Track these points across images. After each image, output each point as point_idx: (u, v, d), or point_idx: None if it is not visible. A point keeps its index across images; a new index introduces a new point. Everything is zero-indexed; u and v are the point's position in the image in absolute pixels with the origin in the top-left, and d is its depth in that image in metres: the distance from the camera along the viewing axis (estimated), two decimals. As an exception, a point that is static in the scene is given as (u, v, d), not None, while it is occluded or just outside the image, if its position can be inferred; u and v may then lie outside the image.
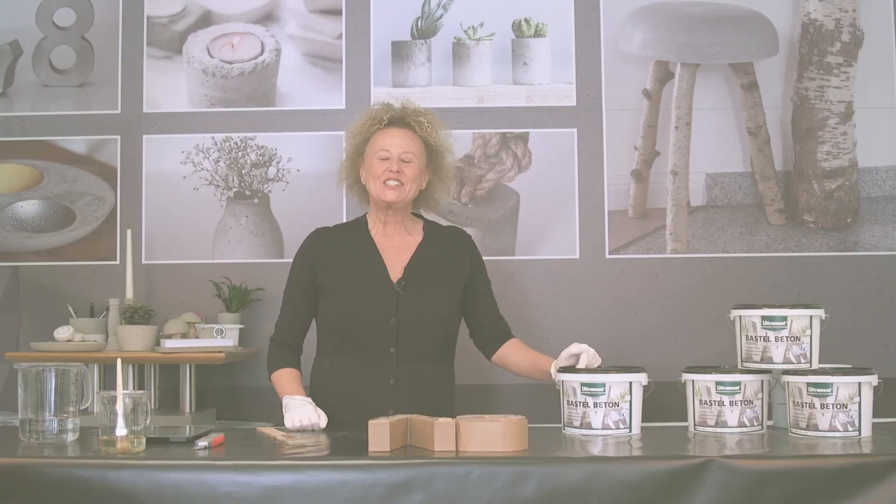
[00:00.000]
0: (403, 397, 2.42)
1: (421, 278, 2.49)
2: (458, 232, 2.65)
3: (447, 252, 2.56)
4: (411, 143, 2.51)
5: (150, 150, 3.45)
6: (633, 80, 3.44)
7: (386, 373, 2.44)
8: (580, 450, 2.05)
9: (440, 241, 2.57)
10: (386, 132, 2.52)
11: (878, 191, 3.42)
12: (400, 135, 2.51)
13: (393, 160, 2.47)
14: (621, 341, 3.36)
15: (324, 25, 3.48)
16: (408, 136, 2.51)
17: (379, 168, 2.48)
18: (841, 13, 3.43)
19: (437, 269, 2.52)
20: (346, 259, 2.52)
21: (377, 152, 2.49)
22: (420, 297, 2.46)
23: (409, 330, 2.45)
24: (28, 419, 2.09)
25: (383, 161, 2.48)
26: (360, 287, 2.46)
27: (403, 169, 2.48)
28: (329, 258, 2.52)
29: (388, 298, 2.46)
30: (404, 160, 2.48)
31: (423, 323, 2.47)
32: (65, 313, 3.26)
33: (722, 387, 2.28)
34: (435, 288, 2.50)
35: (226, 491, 1.80)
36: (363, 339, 2.45)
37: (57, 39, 3.50)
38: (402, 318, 2.44)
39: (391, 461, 1.85)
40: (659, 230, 3.41)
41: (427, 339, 2.49)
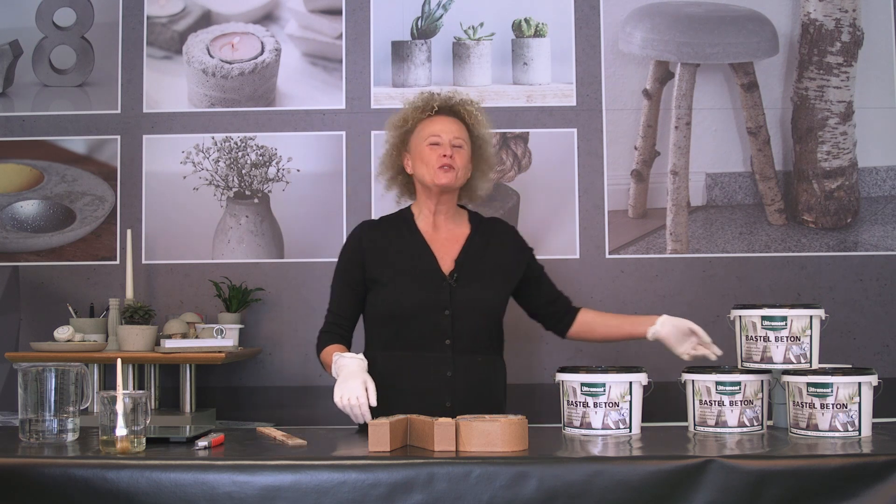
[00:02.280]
0: (460, 389, 2.43)
1: (472, 270, 2.50)
2: (502, 223, 2.66)
3: (495, 243, 2.57)
4: (460, 130, 2.53)
5: (150, 150, 3.45)
6: (633, 80, 3.44)
7: (443, 365, 2.44)
8: (580, 450, 2.05)
9: (487, 233, 2.58)
10: (435, 119, 2.53)
11: (878, 191, 3.42)
12: (449, 122, 2.53)
13: (444, 145, 2.49)
14: (621, 341, 3.35)
15: (324, 25, 3.48)
16: (456, 123, 2.53)
17: (431, 154, 2.49)
18: (841, 13, 3.43)
19: (486, 261, 2.53)
20: (395, 252, 2.52)
21: (427, 139, 2.51)
22: (473, 289, 2.46)
23: (463, 321, 2.46)
24: (28, 419, 2.09)
25: (434, 147, 2.49)
26: (413, 280, 2.45)
27: (455, 154, 2.49)
28: (378, 251, 2.51)
29: (442, 290, 2.46)
30: (455, 146, 2.50)
31: (477, 314, 2.49)
32: (65, 313, 3.26)
33: (722, 387, 2.28)
34: (486, 279, 2.51)
35: (226, 491, 1.80)
36: (418, 331, 2.44)
37: (57, 39, 3.50)
38: (457, 310, 2.45)
39: (391, 461, 1.85)
40: (659, 230, 3.41)
41: (481, 330, 2.50)
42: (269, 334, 3.39)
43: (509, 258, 2.58)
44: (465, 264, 2.50)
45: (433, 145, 2.49)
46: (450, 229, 2.56)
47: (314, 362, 3.36)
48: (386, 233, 2.54)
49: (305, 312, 3.38)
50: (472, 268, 2.50)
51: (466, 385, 2.44)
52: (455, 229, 2.56)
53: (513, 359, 2.69)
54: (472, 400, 2.40)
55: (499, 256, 2.56)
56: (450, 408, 2.40)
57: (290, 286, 3.40)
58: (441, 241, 2.53)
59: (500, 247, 2.57)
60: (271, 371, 3.38)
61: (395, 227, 2.56)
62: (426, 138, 2.50)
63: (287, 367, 3.37)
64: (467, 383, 2.45)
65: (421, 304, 2.44)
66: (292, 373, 3.37)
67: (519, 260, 2.59)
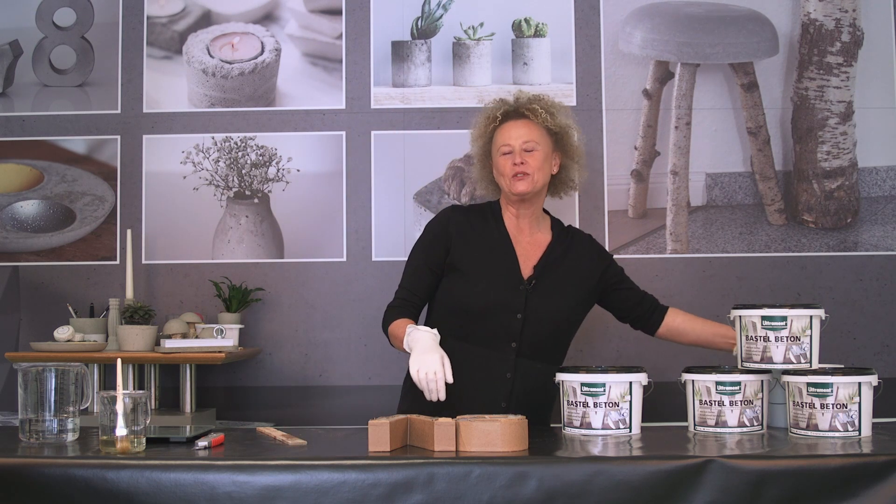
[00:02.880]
0: (517, 392, 2.45)
1: (550, 279, 2.52)
2: (580, 232, 2.69)
3: (574, 255, 2.60)
4: (530, 131, 2.53)
5: (150, 150, 3.45)
6: (633, 80, 3.44)
7: (504, 366, 2.46)
8: (580, 450, 2.05)
9: (568, 244, 2.61)
10: (504, 127, 2.55)
11: (878, 191, 3.42)
12: (518, 126, 2.54)
13: (516, 153, 2.51)
14: (621, 341, 3.36)
15: (324, 25, 3.48)
16: (526, 125, 2.54)
17: (505, 164, 2.52)
18: (841, 13, 3.43)
19: (565, 272, 2.55)
20: (480, 244, 2.53)
21: (500, 148, 2.54)
22: (548, 298, 2.47)
23: (533, 328, 2.48)
24: (28, 419, 2.09)
25: (507, 156, 2.52)
26: (492, 277, 2.46)
27: (527, 160, 2.50)
28: (464, 239, 2.51)
29: (518, 294, 2.48)
30: (527, 150, 2.51)
31: (548, 322, 2.51)
32: (65, 313, 3.26)
33: (722, 387, 2.28)
34: (562, 290, 2.52)
35: (226, 491, 1.80)
36: (487, 329, 2.44)
37: (57, 39, 3.50)
38: (529, 316, 2.47)
39: (391, 461, 1.85)
40: (659, 230, 3.41)
41: (548, 338, 2.52)
42: (269, 334, 3.39)
43: (586, 269, 2.60)
44: (544, 272, 2.53)
45: (505, 155, 2.52)
46: (532, 233, 2.59)
47: (314, 362, 3.38)
48: (474, 223, 2.56)
49: (305, 312, 3.38)
50: (549, 276, 2.53)
51: (523, 389, 2.46)
52: (538, 234, 2.59)
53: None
54: (525, 405, 2.42)
55: (576, 267, 2.58)
56: (504, 408, 2.44)
57: (290, 286, 3.40)
58: (524, 243, 2.56)
59: (577, 258, 2.60)
60: (271, 371, 3.38)
61: (483, 218, 2.59)
62: (499, 148, 2.54)
63: (287, 367, 3.37)
64: (525, 388, 2.47)
65: (496, 303, 2.46)
66: (292, 373, 3.37)
67: (595, 271, 2.61)
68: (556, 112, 2.58)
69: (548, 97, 2.61)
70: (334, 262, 3.40)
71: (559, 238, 2.61)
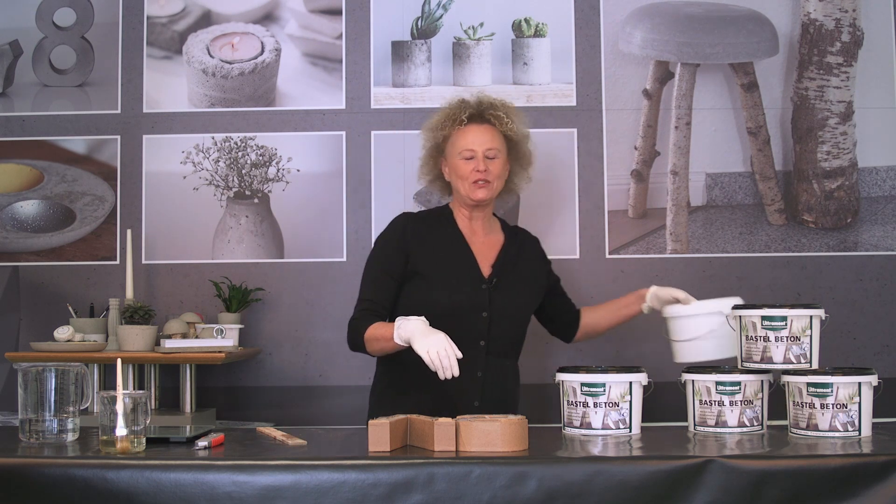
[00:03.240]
0: (488, 390, 2.48)
1: (509, 277, 2.56)
2: (528, 234, 2.74)
3: (526, 254, 2.65)
4: (493, 138, 2.54)
5: (150, 150, 3.45)
6: (633, 80, 3.44)
7: (474, 365, 2.46)
8: (580, 450, 2.05)
9: (520, 243, 2.66)
10: (467, 130, 2.54)
11: (878, 191, 3.42)
12: (482, 131, 2.54)
13: (479, 159, 2.52)
14: (621, 341, 3.35)
15: (324, 25, 3.48)
16: (489, 131, 2.54)
17: (465, 169, 2.52)
18: (841, 13, 3.43)
19: (520, 270, 2.60)
20: (437, 247, 2.54)
21: (461, 152, 2.53)
22: (510, 295, 2.50)
23: (499, 325, 2.51)
24: (28, 419, 2.09)
25: (468, 161, 2.52)
26: (455, 278, 2.47)
27: (489, 167, 2.52)
28: (422, 244, 2.52)
29: (481, 293, 2.51)
30: (489, 157, 2.52)
31: (512, 319, 2.55)
32: (65, 313, 3.26)
33: (722, 387, 2.28)
34: (521, 287, 2.57)
35: (226, 491, 1.80)
36: (455, 329, 2.41)
37: (57, 39, 3.50)
38: (494, 313, 2.49)
39: (391, 461, 1.85)
40: (659, 230, 3.41)
41: (513, 334, 2.58)
42: (269, 334, 3.39)
43: (537, 268, 2.66)
44: (503, 270, 2.56)
45: (467, 160, 2.51)
46: (486, 234, 2.61)
47: (314, 362, 3.38)
48: (430, 226, 2.56)
49: (305, 312, 3.38)
50: (508, 273, 2.56)
51: (494, 386, 2.48)
52: (490, 235, 2.62)
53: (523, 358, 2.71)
54: (495, 401, 2.46)
55: (530, 266, 2.64)
56: (478, 407, 2.46)
57: (290, 286, 3.40)
58: (479, 244, 2.59)
59: (529, 257, 2.65)
60: (271, 371, 3.38)
61: (437, 222, 2.59)
62: (460, 151, 2.53)
63: (287, 367, 3.37)
64: (495, 385, 2.49)
65: (461, 303, 2.47)
66: (292, 373, 3.37)
67: (543, 271, 2.69)
68: (516, 119, 2.59)
69: (508, 103, 2.61)
70: (334, 262, 3.40)
71: (511, 238, 2.65)
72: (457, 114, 2.55)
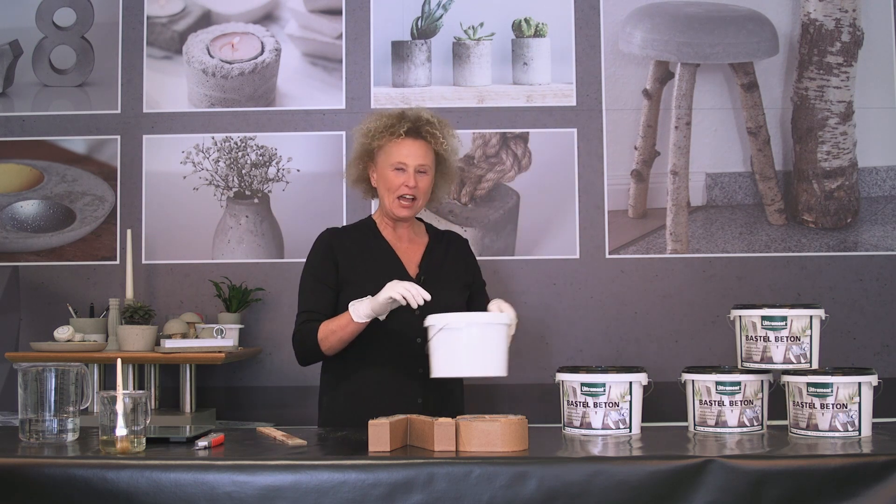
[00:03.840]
0: (431, 386, 2.46)
1: (436, 274, 2.57)
2: (455, 235, 2.74)
3: (451, 253, 2.65)
4: (426, 154, 2.55)
5: (150, 150, 3.45)
6: (633, 80, 3.44)
7: (414, 362, 2.47)
8: (580, 450, 2.05)
9: (444, 243, 2.67)
10: (402, 143, 2.54)
11: (878, 191, 3.42)
12: (416, 147, 2.54)
13: (409, 174, 2.52)
14: (621, 341, 3.36)
15: (324, 25, 3.48)
16: (423, 147, 2.55)
17: (395, 181, 2.53)
18: (841, 13, 3.43)
19: (448, 267, 2.61)
20: (363, 255, 2.56)
21: (393, 164, 2.53)
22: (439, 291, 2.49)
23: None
24: (28, 419, 2.09)
25: (399, 173, 2.52)
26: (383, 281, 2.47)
27: (418, 182, 2.53)
28: (348, 254, 2.55)
29: None
30: (420, 171, 2.53)
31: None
32: (65, 313, 3.26)
33: (722, 387, 2.28)
34: (449, 283, 2.57)
35: (226, 491, 1.80)
36: (391, 330, 2.47)
37: (57, 39, 3.50)
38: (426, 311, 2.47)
39: (391, 461, 1.85)
40: (659, 230, 3.41)
41: None
42: (269, 334, 3.39)
43: (464, 267, 2.66)
44: (429, 268, 2.58)
45: (398, 171, 2.51)
46: (411, 237, 2.63)
47: (314, 362, 3.37)
48: (354, 237, 2.61)
49: (305, 312, 3.38)
50: (435, 271, 2.58)
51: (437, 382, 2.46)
52: (415, 238, 2.64)
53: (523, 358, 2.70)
54: (439, 397, 2.47)
55: (456, 263, 2.64)
56: (421, 404, 2.46)
57: (290, 286, 3.38)
58: (404, 248, 2.61)
59: (456, 256, 2.65)
60: (271, 371, 3.38)
61: (361, 233, 2.62)
62: (392, 163, 2.53)
63: (287, 367, 3.37)
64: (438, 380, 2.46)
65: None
66: (292, 373, 3.37)
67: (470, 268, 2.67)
68: (448, 137, 2.60)
69: (444, 121, 2.61)
70: (334, 262, 3.40)
71: (436, 239, 2.66)
72: (395, 126, 2.54)
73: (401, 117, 2.57)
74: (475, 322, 2.20)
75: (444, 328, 2.19)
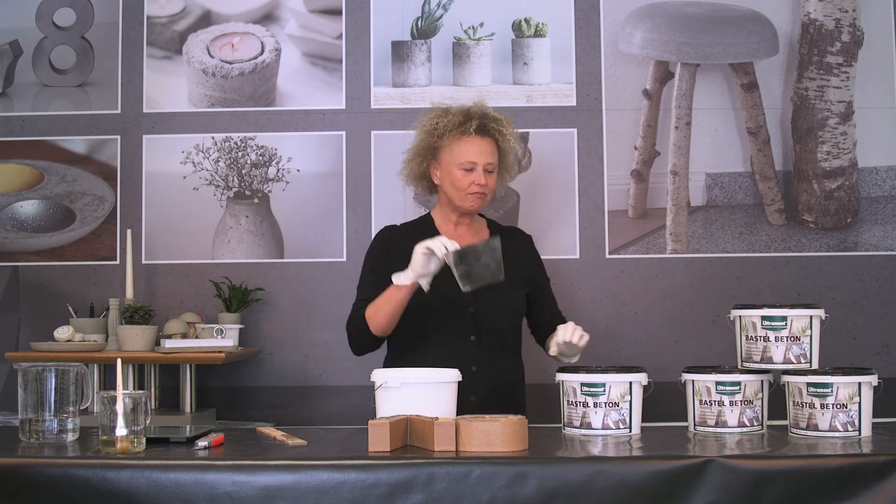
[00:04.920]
0: (484, 384, 2.47)
1: None
2: (518, 231, 2.75)
3: (513, 249, 2.63)
4: (493, 152, 2.57)
5: (150, 150, 3.45)
6: (633, 80, 3.44)
7: (467, 360, 2.47)
8: (580, 450, 2.05)
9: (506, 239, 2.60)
10: (470, 142, 2.54)
11: (878, 191, 3.42)
12: (484, 145, 2.55)
13: (479, 173, 2.52)
14: (621, 341, 3.36)
15: (324, 25, 3.48)
16: (490, 145, 2.56)
17: (464, 181, 2.53)
18: (841, 13, 3.43)
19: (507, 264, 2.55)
20: None
21: (461, 163, 2.53)
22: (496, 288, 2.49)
23: (487, 319, 2.53)
24: (28, 419, 2.09)
25: (468, 172, 2.52)
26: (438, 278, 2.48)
27: (487, 181, 2.55)
28: (401, 252, 2.53)
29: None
30: (488, 170, 2.54)
31: (500, 312, 2.55)
32: (65, 313, 3.26)
33: (722, 387, 2.28)
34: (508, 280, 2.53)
35: (226, 491, 1.80)
36: (444, 328, 2.48)
37: (57, 39, 3.50)
38: (481, 308, 2.51)
39: (391, 461, 1.85)
40: (659, 230, 3.41)
41: (504, 327, 2.57)
42: (269, 334, 3.39)
43: (524, 263, 2.65)
44: None
45: (467, 171, 2.52)
46: (472, 235, 2.62)
47: (314, 362, 3.38)
48: (410, 235, 2.59)
49: (305, 312, 3.38)
50: None
51: (490, 380, 2.49)
52: (476, 235, 2.63)
53: (523, 358, 2.71)
54: (495, 396, 2.46)
55: (517, 261, 2.62)
56: (474, 402, 2.45)
57: (290, 286, 3.40)
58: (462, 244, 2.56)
59: (516, 252, 2.64)
60: (271, 371, 3.38)
61: (417, 230, 2.61)
62: (460, 162, 2.53)
63: (287, 367, 3.37)
64: (491, 379, 2.49)
65: (446, 300, 2.47)
66: (292, 373, 3.37)
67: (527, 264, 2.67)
68: (513, 135, 2.61)
69: (505, 116, 2.61)
70: (334, 262, 3.40)
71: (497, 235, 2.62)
72: (464, 124, 2.53)
73: (468, 115, 2.56)
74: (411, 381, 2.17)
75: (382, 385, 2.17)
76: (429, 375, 2.22)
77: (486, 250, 2.32)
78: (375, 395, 2.19)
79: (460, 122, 2.54)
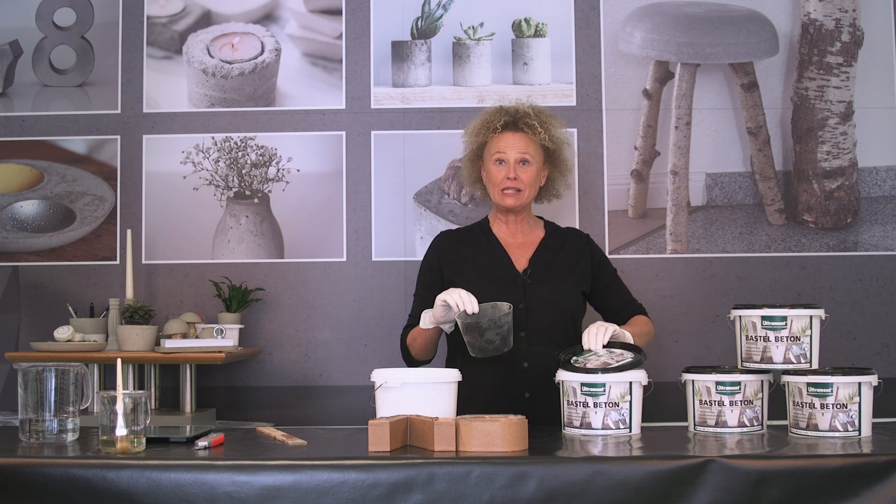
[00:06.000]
0: (537, 380, 2.51)
1: (546, 269, 2.61)
2: (575, 231, 2.79)
3: (568, 248, 2.69)
4: (527, 144, 2.61)
5: (150, 150, 3.45)
6: (633, 80, 3.44)
7: (519, 357, 2.52)
8: (580, 450, 2.05)
9: (561, 238, 2.70)
10: (501, 136, 2.62)
11: (878, 191, 3.42)
12: (515, 139, 2.61)
13: (509, 165, 2.58)
14: (621, 341, 3.35)
15: (324, 25, 3.48)
16: (524, 138, 2.62)
17: (497, 174, 2.60)
18: (841, 13, 3.43)
19: (560, 262, 2.64)
20: (471, 255, 2.63)
21: (494, 155, 2.61)
22: (546, 286, 2.53)
23: (538, 316, 2.56)
24: (28, 419, 2.09)
25: (500, 166, 2.60)
26: (488, 277, 2.52)
27: (520, 174, 2.59)
28: (454, 255, 2.61)
29: (516, 286, 2.57)
30: (521, 162, 2.59)
31: (551, 309, 2.58)
32: (65, 313, 3.26)
33: (722, 387, 2.28)
34: (559, 278, 2.60)
35: (226, 491, 1.80)
36: None
37: (57, 39, 3.50)
38: (531, 305, 2.53)
39: (391, 461, 1.85)
40: (659, 230, 3.41)
41: (555, 324, 2.59)
42: (269, 334, 3.39)
43: (580, 262, 2.68)
44: (539, 264, 2.62)
45: (499, 165, 2.59)
46: (525, 235, 2.68)
47: (314, 362, 3.38)
48: (462, 239, 2.68)
49: (305, 312, 3.38)
50: (545, 267, 2.62)
51: (543, 376, 2.49)
52: (530, 234, 2.69)
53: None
54: (547, 391, 2.45)
55: (571, 260, 2.66)
56: (528, 398, 2.51)
57: (290, 286, 3.40)
58: (517, 245, 2.66)
59: (572, 252, 2.68)
60: (271, 371, 3.38)
61: (473, 234, 2.69)
62: (493, 155, 2.62)
63: (287, 367, 3.37)
64: (543, 375, 2.50)
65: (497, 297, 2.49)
66: (292, 373, 3.37)
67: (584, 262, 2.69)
68: (551, 127, 2.65)
69: (545, 110, 2.65)
70: (334, 262, 3.40)
71: (552, 235, 2.70)
72: (492, 121, 2.62)
73: (499, 111, 2.65)
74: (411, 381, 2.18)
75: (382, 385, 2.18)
76: (429, 375, 2.25)
77: (491, 327, 2.33)
78: (375, 395, 2.19)
79: (490, 119, 2.63)
